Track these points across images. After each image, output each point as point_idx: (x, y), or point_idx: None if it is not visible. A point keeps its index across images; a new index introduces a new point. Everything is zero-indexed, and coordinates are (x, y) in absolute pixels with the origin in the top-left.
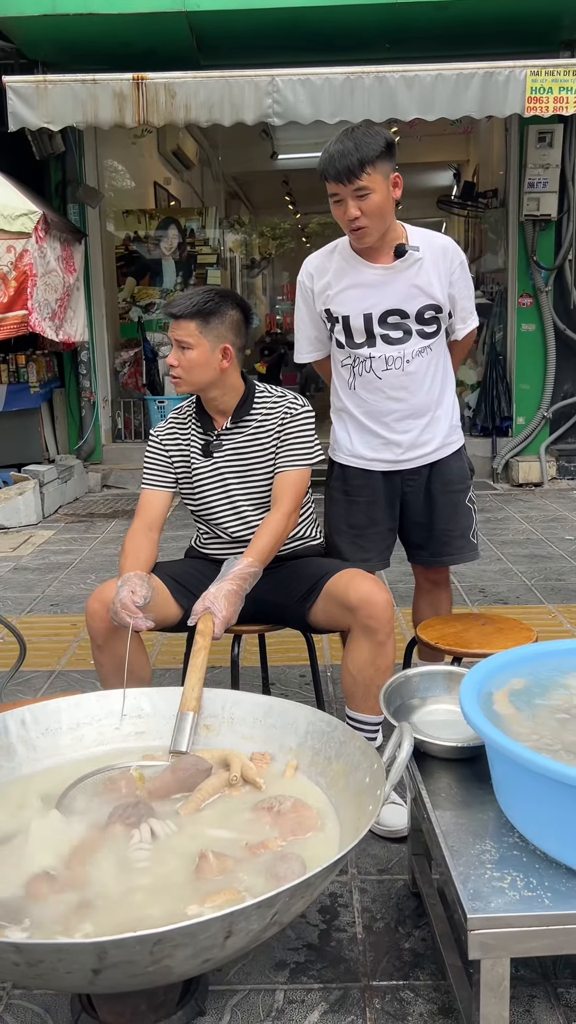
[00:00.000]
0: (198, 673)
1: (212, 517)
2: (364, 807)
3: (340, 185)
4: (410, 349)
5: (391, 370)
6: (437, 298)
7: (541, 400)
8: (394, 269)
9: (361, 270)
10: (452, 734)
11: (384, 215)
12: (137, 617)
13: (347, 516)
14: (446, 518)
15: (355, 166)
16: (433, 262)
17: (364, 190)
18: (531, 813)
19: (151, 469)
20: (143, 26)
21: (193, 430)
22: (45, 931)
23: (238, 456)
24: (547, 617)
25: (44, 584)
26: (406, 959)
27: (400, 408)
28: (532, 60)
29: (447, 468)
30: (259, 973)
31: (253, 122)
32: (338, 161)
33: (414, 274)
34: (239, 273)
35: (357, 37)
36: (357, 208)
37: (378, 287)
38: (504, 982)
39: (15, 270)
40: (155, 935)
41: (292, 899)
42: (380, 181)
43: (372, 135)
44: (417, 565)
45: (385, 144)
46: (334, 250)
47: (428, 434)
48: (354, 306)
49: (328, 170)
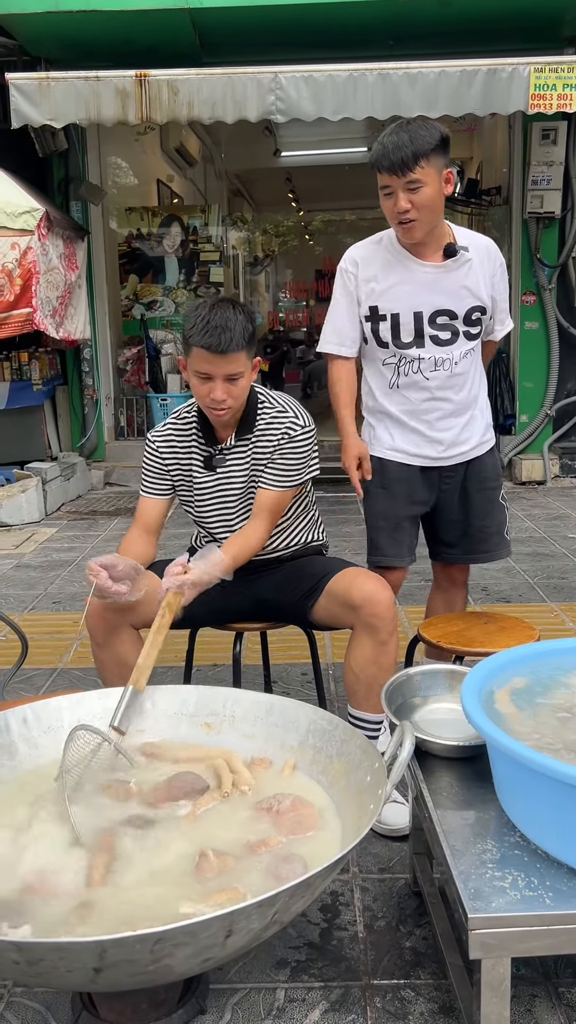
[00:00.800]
0: (154, 651)
1: (212, 527)
2: (365, 806)
3: (393, 177)
4: (458, 351)
5: (439, 371)
6: (484, 300)
7: (544, 398)
8: (445, 268)
9: (411, 267)
10: (453, 733)
11: (435, 209)
12: (100, 575)
13: (384, 510)
14: (483, 515)
15: (409, 158)
16: (480, 263)
17: (416, 183)
18: (532, 812)
19: (148, 477)
20: (146, 23)
21: (195, 440)
22: (45, 929)
23: (241, 472)
24: (550, 615)
25: (46, 582)
26: (407, 958)
27: (444, 408)
28: (536, 57)
29: (483, 465)
30: (260, 971)
31: (256, 119)
32: (392, 153)
33: (464, 275)
34: (242, 271)
35: (360, 34)
36: (408, 201)
37: (429, 286)
38: (505, 982)
39: (19, 267)
40: (155, 934)
41: (292, 898)
42: (433, 175)
43: (427, 128)
44: (442, 563)
45: (440, 138)
46: (380, 242)
47: (467, 432)
48: (404, 303)
49: (382, 161)
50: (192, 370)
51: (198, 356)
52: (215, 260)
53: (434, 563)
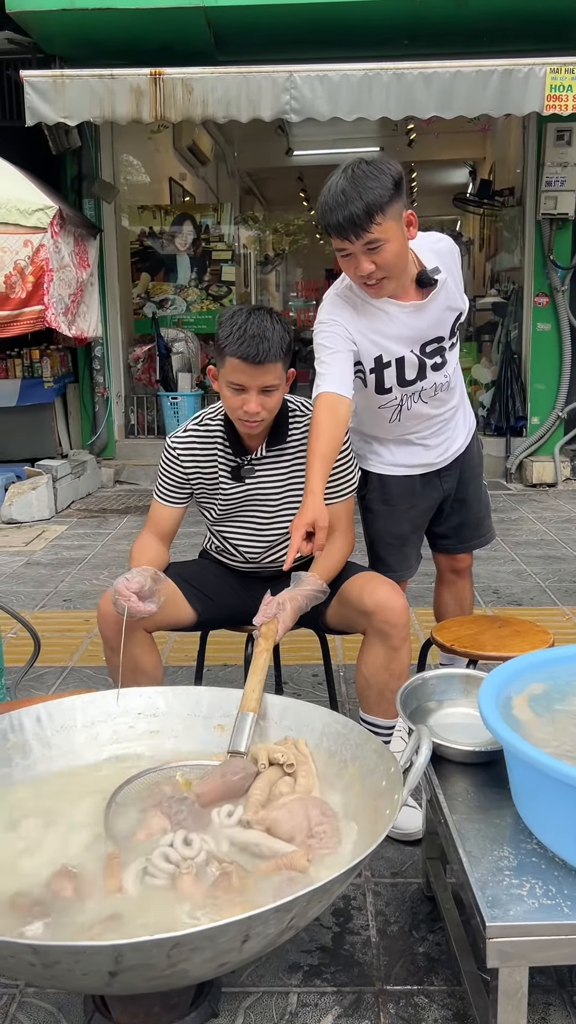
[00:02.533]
0: (259, 675)
1: (235, 538)
2: (381, 811)
3: (347, 241)
4: (450, 367)
5: (440, 393)
6: (460, 306)
7: (556, 400)
8: (428, 300)
9: (393, 312)
10: (468, 738)
11: (403, 263)
12: (131, 600)
13: (389, 526)
14: (475, 499)
15: (362, 219)
16: (449, 272)
17: (376, 243)
18: (550, 820)
19: (165, 485)
20: (161, 21)
21: (220, 449)
22: (61, 930)
23: (272, 485)
24: (561, 619)
25: (57, 579)
26: (420, 964)
27: (442, 418)
28: (552, 57)
29: (470, 451)
30: (272, 975)
31: (270, 118)
32: (340, 213)
33: (444, 297)
34: (253, 269)
35: (375, 33)
36: (371, 262)
37: (414, 324)
38: (522, 990)
39: (32, 265)
40: (173, 939)
41: (309, 904)
42: (393, 227)
43: (376, 175)
44: (443, 556)
45: (393, 184)
46: (350, 293)
47: (458, 429)
48: (402, 346)
49: (329, 224)
50: (225, 380)
51: (232, 366)
52: (227, 259)
53: (436, 556)
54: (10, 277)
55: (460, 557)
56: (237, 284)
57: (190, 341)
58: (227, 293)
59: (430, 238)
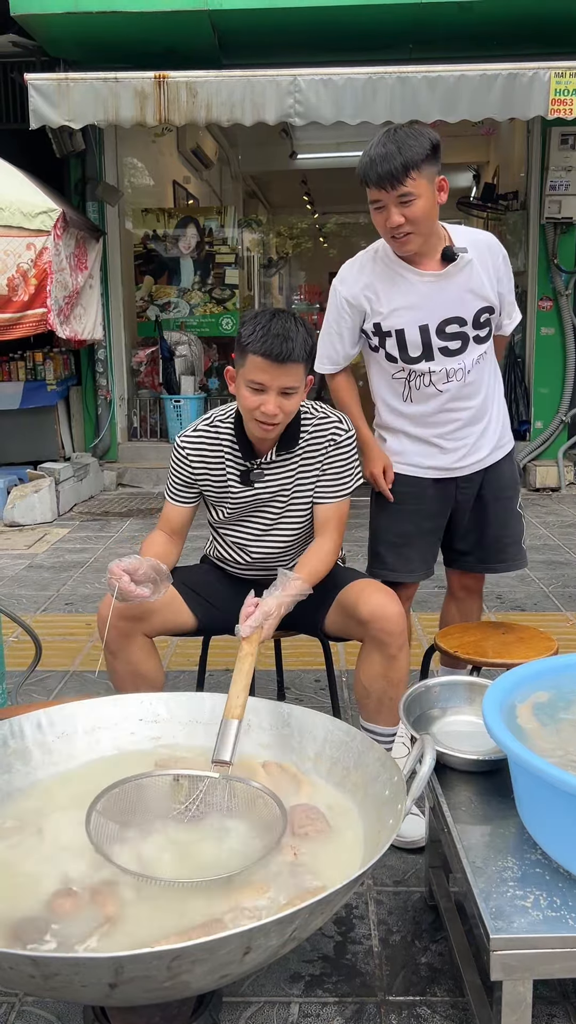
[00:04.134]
0: (244, 680)
1: (239, 540)
2: (384, 820)
3: (382, 191)
4: (469, 359)
5: (452, 382)
6: (490, 299)
7: (560, 404)
8: (446, 275)
9: (410, 279)
10: (472, 746)
11: (430, 221)
12: (122, 579)
13: (393, 524)
14: (500, 524)
15: (399, 171)
16: (481, 261)
17: (408, 196)
18: (555, 830)
19: (175, 485)
20: (165, 24)
21: (229, 451)
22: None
23: (282, 489)
24: (565, 625)
25: (59, 583)
26: (423, 974)
27: (461, 417)
28: (556, 61)
29: (500, 472)
30: (274, 985)
31: (274, 122)
32: (380, 166)
33: (467, 278)
34: (256, 272)
35: (380, 37)
36: (401, 215)
37: (431, 295)
38: (526, 1002)
39: (34, 267)
40: (173, 951)
41: (312, 915)
42: (425, 186)
43: (416, 136)
44: (456, 571)
45: (431, 146)
46: (375, 256)
47: (484, 439)
48: (407, 318)
49: (369, 175)
50: (245, 380)
51: (254, 365)
52: (230, 262)
53: (448, 570)
54: (13, 280)
55: (472, 576)
56: (240, 287)
57: (193, 344)
58: (230, 296)
59: (473, 230)
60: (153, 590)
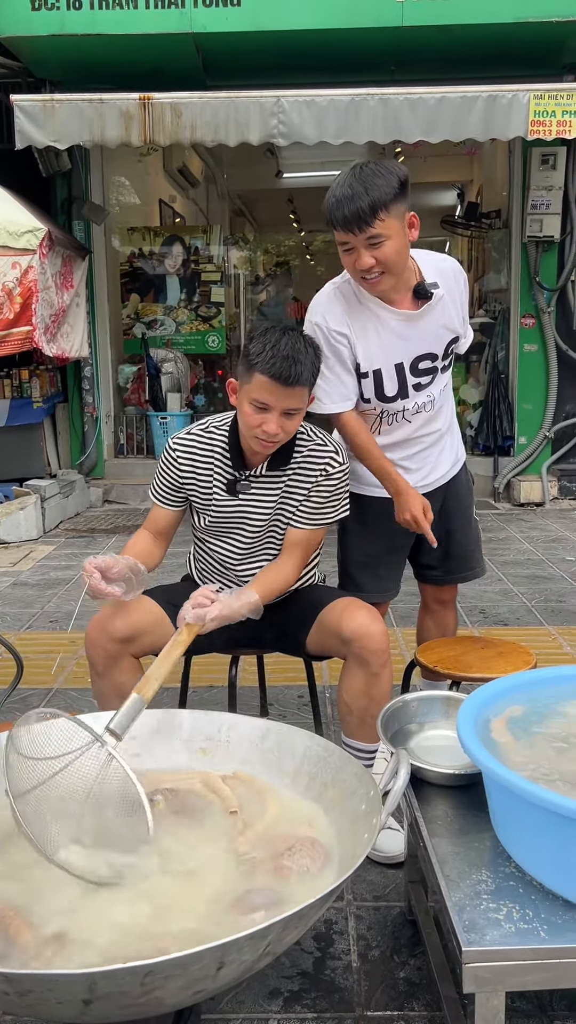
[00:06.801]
0: (167, 665)
1: (220, 551)
2: (360, 835)
3: (350, 234)
4: (437, 388)
5: (422, 413)
6: (457, 329)
7: (543, 420)
8: (420, 314)
9: (385, 318)
10: (450, 760)
11: (402, 261)
12: (94, 576)
13: (363, 546)
14: (463, 532)
15: (366, 213)
16: (450, 293)
17: (378, 238)
18: (528, 844)
19: (162, 487)
20: (150, 47)
21: (219, 459)
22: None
23: (267, 503)
24: (547, 639)
25: (43, 600)
26: (401, 989)
27: (426, 440)
28: (535, 84)
29: (458, 483)
30: (252, 1002)
31: (258, 142)
32: (346, 207)
33: (440, 314)
34: (243, 290)
35: (362, 60)
36: (371, 257)
37: (406, 334)
38: (499, 1015)
39: (20, 286)
40: (145, 966)
41: (285, 930)
42: (395, 225)
43: (383, 173)
44: (429, 585)
45: (399, 183)
46: (344, 291)
47: (443, 455)
48: (384, 357)
49: (335, 216)
50: (249, 398)
51: (260, 384)
52: (216, 280)
53: (421, 584)
54: None
55: (445, 588)
56: (227, 305)
57: (179, 361)
58: (216, 314)
59: (436, 257)
60: (126, 589)
